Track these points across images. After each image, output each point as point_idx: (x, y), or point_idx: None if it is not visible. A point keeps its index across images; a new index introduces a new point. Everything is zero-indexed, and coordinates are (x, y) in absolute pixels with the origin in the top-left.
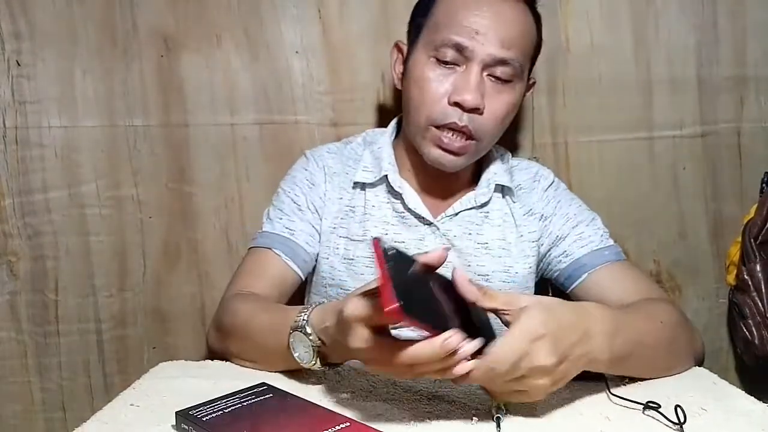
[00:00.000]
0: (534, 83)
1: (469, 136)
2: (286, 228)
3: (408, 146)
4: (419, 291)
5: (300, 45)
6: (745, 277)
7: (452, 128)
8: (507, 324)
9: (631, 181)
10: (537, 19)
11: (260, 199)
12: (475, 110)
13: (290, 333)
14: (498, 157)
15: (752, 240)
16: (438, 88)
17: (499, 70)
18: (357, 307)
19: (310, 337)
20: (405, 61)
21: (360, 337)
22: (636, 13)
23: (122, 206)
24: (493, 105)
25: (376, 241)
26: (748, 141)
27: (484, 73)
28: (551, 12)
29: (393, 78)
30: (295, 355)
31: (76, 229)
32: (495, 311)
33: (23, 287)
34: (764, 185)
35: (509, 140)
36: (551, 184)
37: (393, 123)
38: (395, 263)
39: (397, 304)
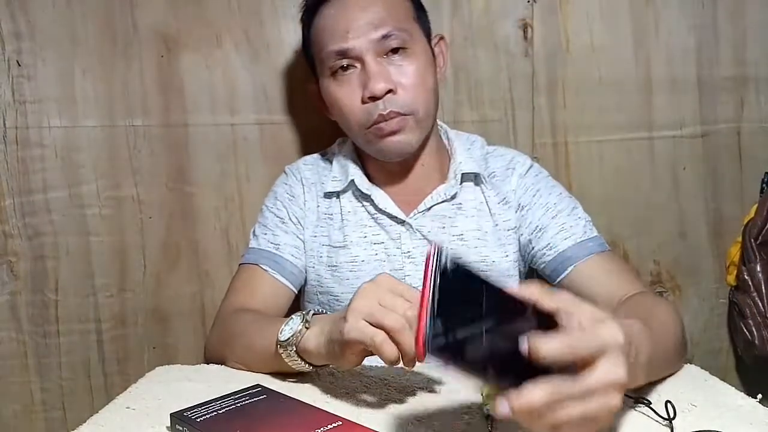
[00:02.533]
0: (441, 38)
1: (400, 114)
2: (271, 243)
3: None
4: (468, 322)
5: (300, 45)
6: (745, 277)
7: (382, 120)
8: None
9: (631, 181)
10: None
11: (260, 199)
12: (390, 93)
13: (293, 315)
14: (468, 146)
15: (752, 240)
16: (350, 96)
17: (388, 46)
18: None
19: (306, 317)
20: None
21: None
22: (636, 13)
23: (122, 206)
24: (404, 78)
25: (430, 251)
26: (748, 141)
27: (380, 59)
28: (551, 12)
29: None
30: (282, 327)
31: (76, 229)
32: (554, 313)
33: (23, 287)
34: (764, 185)
35: (510, 140)
36: (528, 170)
37: None
38: (446, 283)
39: (422, 343)
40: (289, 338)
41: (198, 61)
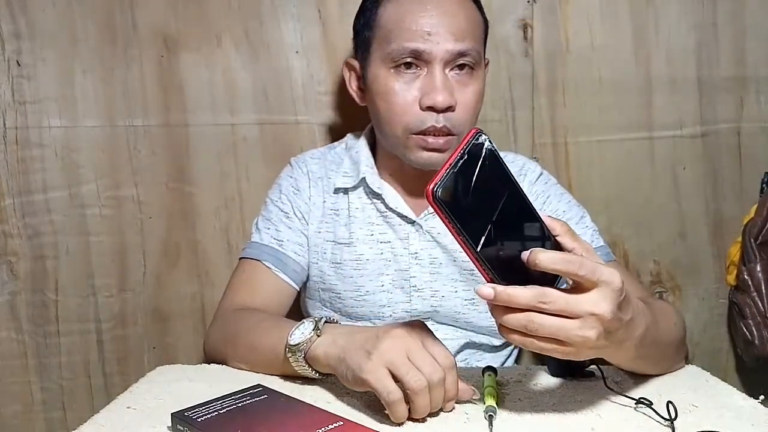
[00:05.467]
0: (488, 63)
1: (449, 133)
2: (274, 239)
3: (387, 150)
4: (480, 197)
5: (300, 45)
6: (745, 277)
7: (431, 131)
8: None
9: (631, 181)
10: (476, 1)
11: (260, 199)
12: (449, 109)
13: (304, 320)
14: None
15: (752, 240)
16: (406, 96)
17: (460, 63)
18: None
19: (318, 325)
20: (361, 77)
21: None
22: (636, 13)
23: (122, 206)
24: (464, 98)
25: (473, 130)
26: (748, 141)
27: (446, 70)
28: (551, 12)
29: (353, 96)
30: (293, 331)
31: (76, 229)
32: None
33: (23, 287)
34: (764, 185)
35: (510, 140)
36: (539, 177)
37: (370, 126)
38: (474, 160)
39: (431, 188)
40: (299, 343)
41: (198, 61)
